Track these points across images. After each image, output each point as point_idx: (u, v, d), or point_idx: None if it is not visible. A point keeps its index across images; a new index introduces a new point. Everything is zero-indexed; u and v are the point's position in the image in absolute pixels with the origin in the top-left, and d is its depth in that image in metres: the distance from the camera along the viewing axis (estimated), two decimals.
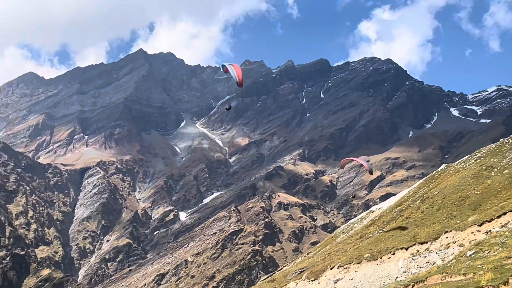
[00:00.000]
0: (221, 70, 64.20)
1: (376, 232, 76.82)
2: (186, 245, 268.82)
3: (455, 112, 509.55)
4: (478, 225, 50.82)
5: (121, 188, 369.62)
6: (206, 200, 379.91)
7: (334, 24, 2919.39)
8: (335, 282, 59.45)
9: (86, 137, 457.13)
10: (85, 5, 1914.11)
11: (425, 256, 51.26)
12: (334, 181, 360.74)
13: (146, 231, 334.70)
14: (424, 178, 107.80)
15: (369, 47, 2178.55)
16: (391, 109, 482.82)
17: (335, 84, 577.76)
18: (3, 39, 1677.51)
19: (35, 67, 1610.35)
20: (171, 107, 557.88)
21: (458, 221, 55.93)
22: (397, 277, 51.09)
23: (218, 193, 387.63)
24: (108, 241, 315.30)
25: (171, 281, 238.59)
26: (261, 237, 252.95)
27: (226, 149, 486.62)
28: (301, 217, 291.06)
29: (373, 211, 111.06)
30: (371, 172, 70.18)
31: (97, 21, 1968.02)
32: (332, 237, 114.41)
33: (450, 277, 39.35)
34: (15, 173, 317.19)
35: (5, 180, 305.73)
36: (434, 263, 48.82)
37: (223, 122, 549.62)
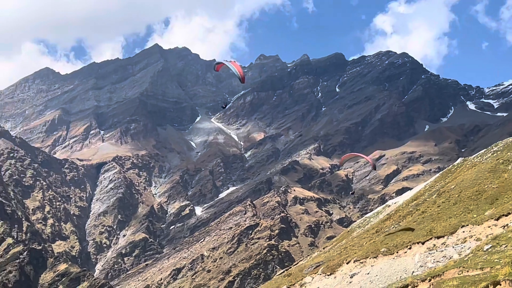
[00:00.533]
0: (214, 68, 63.92)
1: (392, 226, 76.59)
2: (202, 240, 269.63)
3: (471, 106, 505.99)
4: (495, 219, 50.55)
5: (137, 183, 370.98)
6: (221, 195, 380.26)
7: (349, 17, 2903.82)
8: (351, 277, 59.32)
9: (102, 132, 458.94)
10: (101, 1, 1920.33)
11: (442, 251, 51.04)
12: (350, 176, 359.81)
13: (162, 226, 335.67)
14: (440, 172, 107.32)
15: (385, 40, 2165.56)
16: (407, 103, 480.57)
17: (351, 78, 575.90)
18: (20, 34, 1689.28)
19: (51, 63, 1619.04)
20: (186, 102, 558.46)
21: (475, 215, 55.66)
22: (413, 272, 50.90)
23: (234, 188, 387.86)
24: (124, 235, 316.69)
25: (187, 276, 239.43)
26: (277, 231, 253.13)
27: (242, 143, 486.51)
28: (317, 211, 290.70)
29: (389, 206, 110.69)
30: (374, 167, 69.95)
31: (113, 16, 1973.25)
32: (348, 231, 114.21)
33: (467, 271, 39.17)
34: (32, 168, 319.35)
35: (22, 175, 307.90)
36: (451, 257, 48.61)
37: (239, 117, 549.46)
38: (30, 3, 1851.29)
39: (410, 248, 55.79)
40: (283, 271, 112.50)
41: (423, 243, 54.91)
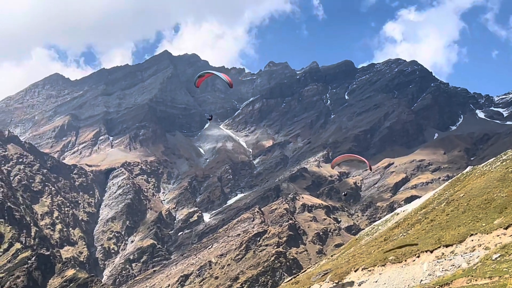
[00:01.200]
0: (194, 83, 63.25)
1: (401, 234, 76.42)
2: (210, 246, 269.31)
3: (480, 114, 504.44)
4: (504, 228, 50.38)
5: (145, 189, 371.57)
6: (230, 202, 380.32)
7: (359, 25, 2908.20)
8: (359, 285, 59.19)
9: (111, 138, 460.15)
10: (112, 7, 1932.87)
11: (450, 259, 50.88)
12: (358, 183, 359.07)
13: (170, 232, 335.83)
14: (449, 181, 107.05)
15: (394, 48, 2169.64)
16: (416, 111, 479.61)
17: (360, 86, 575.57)
18: (30, 39, 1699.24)
19: (61, 68, 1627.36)
20: (195, 108, 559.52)
21: (484, 224, 55.46)
22: (421, 280, 50.76)
23: (242, 195, 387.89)
24: (132, 241, 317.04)
25: (195, 282, 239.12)
26: (285, 238, 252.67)
27: (250, 150, 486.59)
28: (325, 219, 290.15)
29: (398, 214, 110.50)
30: (370, 168, 69.64)
31: (123, 23, 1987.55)
32: (356, 239, 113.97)
33: (476, 280, 39.06)
34: (41, 174, 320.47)
35: (31, 180, 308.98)
36: (459, 266, 48.45)
37: (247, 124, 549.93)
38: (41, 9, 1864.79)
39: (418, 257, 55.64)
40: (291, 279, 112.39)
41: (431, 252, 54.75)
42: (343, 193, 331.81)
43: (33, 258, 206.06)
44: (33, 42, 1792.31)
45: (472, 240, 51.95)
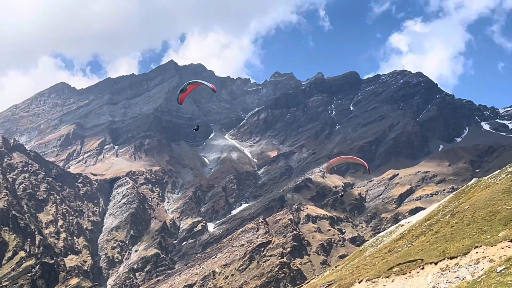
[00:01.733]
0: (177, 99, 63.14)
1: (405, 246, 76.35)
2: (214, 256, 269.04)
3: (486, 126, 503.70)
4: (508, 241, 50.38)
5: (150, 199, 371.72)
6: (234, 212, 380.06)
7: (365, 36, 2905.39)
8: None
9: (116, 147, 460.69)
10: (118, 16, 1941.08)
11: (455, 271, 50.87)
12: (363, 194, 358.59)
13: (174, 242, 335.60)
14: (454, 193, 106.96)
15: (400, 59, 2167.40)
16: (421, 123, 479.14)
17: (365, 97, 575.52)
18: (37, 48, 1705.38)
19: (67, 77, 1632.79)
20: (200, 118, 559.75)
21: (489, 236, 55.45)
22: None
23: (247, 205, 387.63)
24: (136, 251, 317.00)
25: None
26: (289, 249, 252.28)
27: (255, 160, 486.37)
28: (329, 230, 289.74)
29: (402, 225, 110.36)
30: (369, 170, 69.34)
31: (130, 32, 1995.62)
32: (361, 250, 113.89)
33: None
34: (46, 182, 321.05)
35: (35, 189, 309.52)
36: (463, 278, 48.43)
37: (252, 134, 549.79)
38: (48, 18, 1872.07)
39: (422, 268, 55.63)
40: None
41: (436, 264, 54.74)
42: (340, 194, 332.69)
43: (37, 267, 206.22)
44: (40, 50, 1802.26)
45: (477, 253, 51.95)
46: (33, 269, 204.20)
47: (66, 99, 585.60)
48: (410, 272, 56.61)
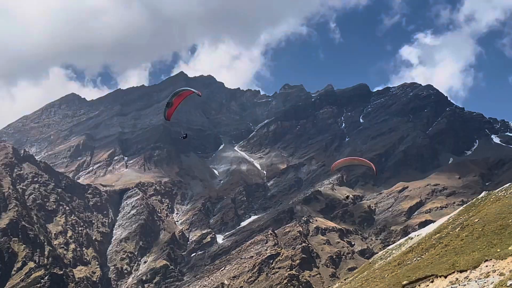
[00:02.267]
0: (164, 116, 62.58)
1: (415, 259, 76.11)
2: (222, 268, 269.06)
3: (496, 139, 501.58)
4: None
5: (159, 210, 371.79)
6: (243, 223, 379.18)
7: (375, 48, 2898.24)
8: None
9: (125, 158, 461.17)
10: (129, 27, 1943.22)
11: (464, 285, 50.68)
12: (372, 207, 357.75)
13: (183, 253, 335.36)
14: (464, 206, 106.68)
15: (410, 72, 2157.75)
16: (431, 135, 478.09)
17: (375, 109, 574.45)
18: (48, 59, 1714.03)
19: (78, 88, 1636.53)
20: (210, 130, 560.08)
21: (499, 250, 55.25)
22: None
23: (256, 217, 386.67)
24: (145, 262, 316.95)
25: None
26: (298, 261, 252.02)
27: (264, 172, 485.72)
28: (338, 242, 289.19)
29: (412, 238, 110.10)
30: (376, 172, 68.68)
31: (140, 43, 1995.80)
32: (370, 263, 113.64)
33: None
34: (55, 193, 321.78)
35: (45, 199, 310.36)
36: None
37: (262, 146, 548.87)
38: (59, 29, 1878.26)
39: (432, 282, 55.42)
40: None
41: (445, 277, 54.55)
42: (345, 196, 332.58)
43: (46, 278, 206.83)
44: (50, 61, 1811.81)
45: (487, 266, 51.78)
46: (42, 280, 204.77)
47: (76, 110, 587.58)
48: (419, 286, 56.43)
